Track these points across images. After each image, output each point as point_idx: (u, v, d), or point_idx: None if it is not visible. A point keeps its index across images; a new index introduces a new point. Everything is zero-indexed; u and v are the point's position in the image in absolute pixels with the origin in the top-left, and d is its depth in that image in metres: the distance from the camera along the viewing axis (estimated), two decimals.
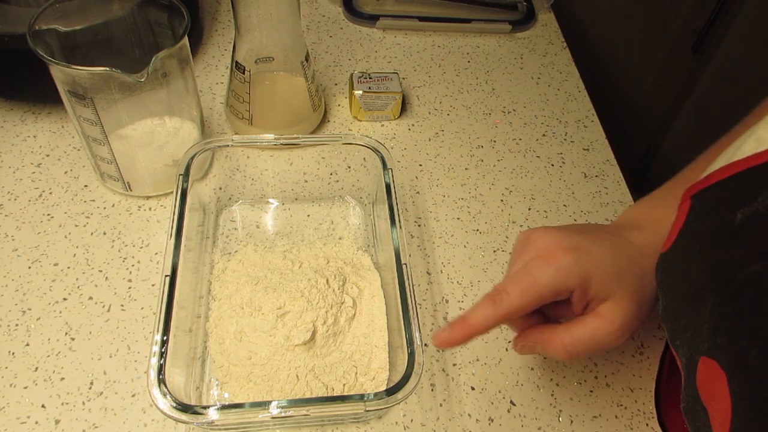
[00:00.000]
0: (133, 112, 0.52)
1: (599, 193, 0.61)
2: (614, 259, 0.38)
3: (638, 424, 0.45)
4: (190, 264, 0.46)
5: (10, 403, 0.43)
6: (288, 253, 0.52)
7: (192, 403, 0.36)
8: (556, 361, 0.48)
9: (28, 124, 0.61)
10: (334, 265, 0.50)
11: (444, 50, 0.76)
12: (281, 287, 0.46)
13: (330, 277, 0.47)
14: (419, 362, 0.39)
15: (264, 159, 0.59)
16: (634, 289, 0.38)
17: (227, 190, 0.56)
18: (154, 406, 0.36)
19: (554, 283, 0.37)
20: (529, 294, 0.37)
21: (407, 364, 0.39)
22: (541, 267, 0.37)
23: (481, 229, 0.57)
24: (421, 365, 0.39)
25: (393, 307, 0.45)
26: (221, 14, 0.77)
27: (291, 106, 0.60)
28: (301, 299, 0.45)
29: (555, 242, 0.38)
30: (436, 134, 0.65)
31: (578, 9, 0.92)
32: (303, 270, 0.49)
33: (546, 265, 0.37)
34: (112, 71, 0.44)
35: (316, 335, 0.44)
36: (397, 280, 0.43)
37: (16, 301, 0.48)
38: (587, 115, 0.69)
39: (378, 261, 0.52)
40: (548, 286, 0.37)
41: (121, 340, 0.46)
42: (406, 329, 0.40)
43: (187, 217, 0.46)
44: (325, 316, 0.45)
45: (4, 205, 0.54)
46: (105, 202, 0.55)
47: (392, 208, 0.47)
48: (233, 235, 0.54)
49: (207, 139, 0.51)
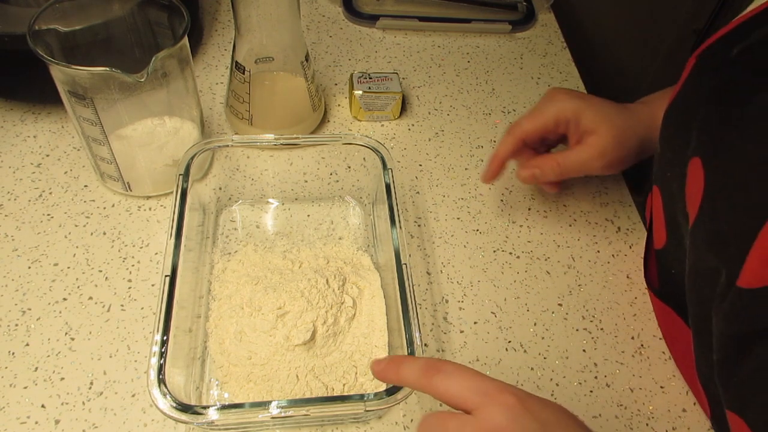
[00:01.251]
0: (133, 112, 0.52)
1: (599, 193, 0.61)
2: (609, 107, 0.50)
3: (638, 424, 0.45)
4: (190, 264, 0.46)
5: (10, 403, 0.43)
6: (288, 253, 0.52)
7: (192, 403, 0.36)
8: (556, 361, 0.48)
9: (28, 124, 0.61)
10: (334, 265, 0.50)
11: (444, 50, 0.76)
12: (281, 287, 0.46)
13: (330, 277, 0.47)
14: None
15: (264, 159, 0.59)
16: (618, 131, 0.49)
17: (227, 190, 0.56)
18: (153, 406, 0.36)
19: (554, 112, 0.50)
20: (536, 121, 0.50)
21: None
22: (546, 103, 0.51)
23: (481, 229, 0.57)
24: None
25: (393, 308, 0.45)
26: (221, 14, 0.77)
27: (291, 106, 0.60)
28: (301, 299, 0.45)
29: (565, 91, 0.51)
30: (436, 134, 0.65)
31: (578, 9, 0.92)
32: (303, 270, 0.49)
33: (551, 102, 0.50)
34: (112, 71, 0.44)
35: (316, 335, 0.44)
36: (396, 281, 0.43)
37: (16, 301, 0.48)
38: None
39: (378, 261, 0.52)
40: (550, 115, 0.50)
41: (121, 340, 0.46)
42: (406, 329, 0.40)
43: (187, 217, 0.46)
44: (325, 316, 0.45)
45: (4, 205, 0.54)
46: (105, 202, 0.55)
47: (392, 208, 0.47)
48: (233, 235, 0.54)
49: (207, 139, 0.51)
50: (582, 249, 0.56)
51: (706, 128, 0.37)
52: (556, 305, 0.52)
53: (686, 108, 0.41)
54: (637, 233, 0.57)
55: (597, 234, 0.57)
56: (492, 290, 0.52)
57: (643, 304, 0.52)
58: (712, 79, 0.39)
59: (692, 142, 0.38)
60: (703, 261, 0.37)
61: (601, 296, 0.53)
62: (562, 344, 0.49)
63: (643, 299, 0.53)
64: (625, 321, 0.51)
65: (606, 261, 0.55)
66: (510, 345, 0.49)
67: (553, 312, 0.51)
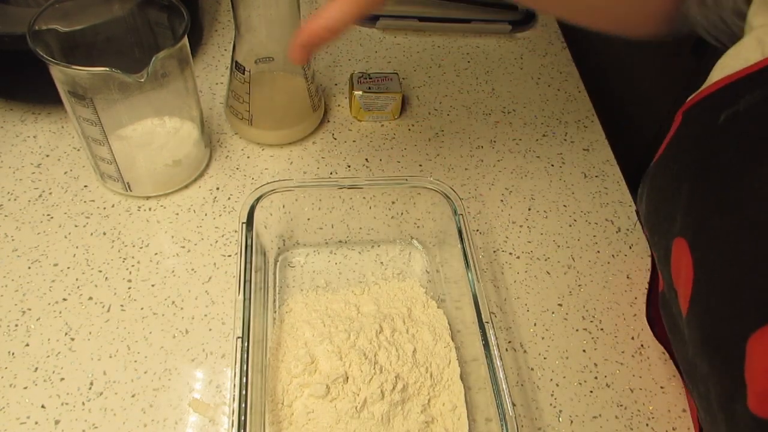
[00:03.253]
0: (133, 112, 0.52)
1: (599, 193, 0.61)
2: None
3: (638, 425, 0.45)
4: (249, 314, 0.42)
5: (10, 403, 0.43)
6: (350, 298, 0.49)
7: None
8: (556, 361, 0.48)
9: (28, 124, 0.61)
10: (397, 312, 0.47)
11: (444, 50, 0.76)
12: (342, 344, 0.43)
13: (394, 329, 0.45)
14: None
15: (264, 159, 0.59)
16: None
17: (285, 234, 0.53)
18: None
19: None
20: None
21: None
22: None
23: (481, 229, 0.57)
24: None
25: (471, 365, 0.44)
26: (221, 14, 0.77)
27: (291, 107, 0.60)
28: (364, 361, 0.42)
29: None
30: (436, 134, 0.65)
31: None
32: (365, 317, 0.46)
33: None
34: (112, 71, 0.44)
35: (383, 400, 0.41)
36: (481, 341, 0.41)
37: (16, 301, 0.48)
38: (587, 115, 0.69)
39: (447, 308, 0.50)
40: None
41: (121, 341, 0.46)
42: (496, 397, 0.39)
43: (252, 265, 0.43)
44: (394, 381, 0.42)
45: (4, 206, 0.54)
46: (105, 202, 0.55)
47: (467, 255, 0.45)
48: (290, 281, 0.52)
49: (270, 182, 0.48)
50: (582, 249, 0.56)
51: (692, 209, 0.34)
52: (556, 305, 0.52)
53: (671, 178, 0.38)
54: (637, 233, 0.57)
55: (597, 234, 0.57)
56: (492, 290, 0.52)
57: (643, 305, 0.52)
58: (698, 148, 0.36)
59: (678, 221, 0.35)
60: (702, 366, 0.34)
61: (601, 296, 0.53)
62: (562, 344, 0.49)
63: (643, 299, 0.53)
64: (625, 321, 0.51)
65: (606, 261, 0.55)
66: (510, 345, 0.49)
67: (553, 312, 0.51)
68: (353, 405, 0.41)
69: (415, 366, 0.44)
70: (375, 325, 0.45)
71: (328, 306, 0.48)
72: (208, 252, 0.52)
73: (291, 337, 0.46)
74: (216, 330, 0.48)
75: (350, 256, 0.54)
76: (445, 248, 0.50)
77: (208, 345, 0.47)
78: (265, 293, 0.49)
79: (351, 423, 0.41)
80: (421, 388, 0.43)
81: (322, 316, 0.47)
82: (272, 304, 0.49)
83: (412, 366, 0.44)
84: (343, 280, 0.52)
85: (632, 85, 0.94)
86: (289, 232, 0.54)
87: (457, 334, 0.47)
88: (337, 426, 0.41)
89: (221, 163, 0.54)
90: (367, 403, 0.41)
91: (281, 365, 0.44)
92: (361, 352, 0.42)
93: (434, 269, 0.53)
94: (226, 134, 0.62)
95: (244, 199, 0.47)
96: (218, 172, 0.55)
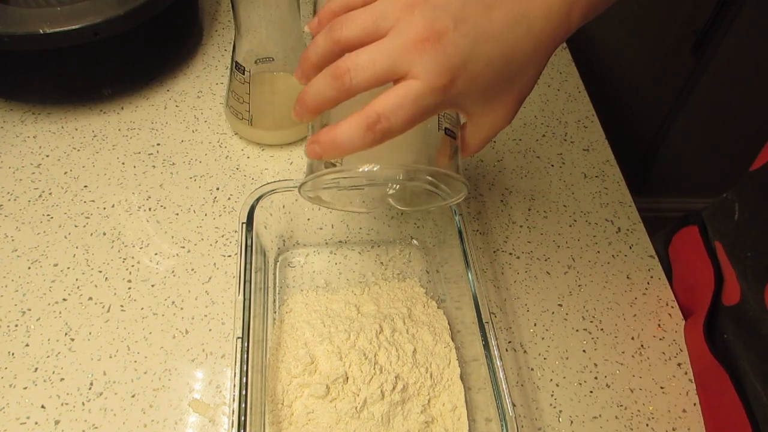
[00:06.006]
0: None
1: (599, 193, 0.61)
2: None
3: (638, 425, 0.45)
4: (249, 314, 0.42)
5: (10, 403, 0.43)
6: (350, 298, 0.49)
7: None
8: (556, 361, 0.48)
9: (28, 125, 0.61)
10: (396, 311, 0.47)
11: None
12: (342, 344, 0.43)
13: (393, 326, 0.45)
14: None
15: (264, 159, 0.59)
16: None
17: (285, 234, 0.53)
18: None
19: None
20: None
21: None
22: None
23: (481, 229, 0.57)
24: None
25: (469, 366, 0.43)
26: (221, 14, 0.77)
27: (291, 107, 0.60)
28: (364, 361, 0.42)
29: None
30: None
31: None
32: (365, 317, 0.46)
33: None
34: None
35: (383, 401, 0.41)
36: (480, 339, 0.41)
37: (16, 302, 0.48)
38: (587, 115, 0.69)
39: (447, 308, 0.49)
40: None
41: (120, 341, 0.46)
42: (496, 398, 0.39)
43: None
44: (394, 381, 0.42)
45: (3, 206, 0.54)
46: (105, 202, 0.55)
47: (467, 255, 0.45)
48: (290, 280, 0.52)
49: (270, 181, 0.47)
50: (582, 249, 0.56)
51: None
52: (556, 305, 0.52)
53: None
54: (637, 233, 0.57)
55: (597, 234, 0.57)
56: (492, 290, 0.52)
57: (643, 305, 0.52)
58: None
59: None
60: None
61: (601, 296, 0.53)
62: (562, 344, 0.49)
63: (643, 299, 0.53)
64: (625, 321, 0.51)
65: (606, 261, 0.55)
66: (510, 345, 0.49)
67: (553, 312, 0.51)
68: (353, 405, 0.41)
69: (415, 366, 0.44)
70: (375, 325, 0.45)
71: (328, 306, 0.48)
72: (208, 252, 0.52)
73: (291, 338, 0.46)
74: (216, 330, 0.48)
75: (350, 256, 0.54)
76: (445, 248, 0.50)
77: (208, 345, 0.47)
78: (265, 293, 0.49)
79: (351, 423, 0.41)
80: (421, 389, 0.43)
81: (322, 317, 0.47)
82: (272, 305, 0.49)
83: (412, 366, 0.43)
84: (343, 280, 0.52)
85: (632, 85, 0.94)
86: (289, 232, 0.54)
87: (457, 334, 0.47)
88: (337, 426, 0.41)
89: (221, 163, 0.55)
90: (367, 404, 0.41)
91: (281, 365, 0.44)
92: (361, 353, 0.42)
93: (434, 269, 0.53)
94: (226, 134, 0.62)
95: (244, 199, 0.47)
96: (218, 172, 0.55)
